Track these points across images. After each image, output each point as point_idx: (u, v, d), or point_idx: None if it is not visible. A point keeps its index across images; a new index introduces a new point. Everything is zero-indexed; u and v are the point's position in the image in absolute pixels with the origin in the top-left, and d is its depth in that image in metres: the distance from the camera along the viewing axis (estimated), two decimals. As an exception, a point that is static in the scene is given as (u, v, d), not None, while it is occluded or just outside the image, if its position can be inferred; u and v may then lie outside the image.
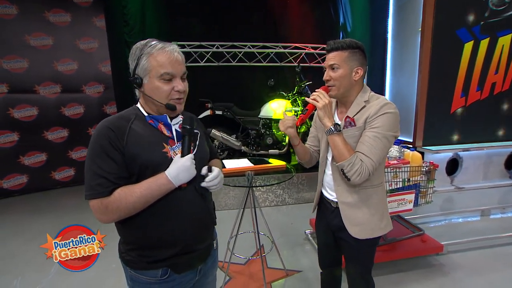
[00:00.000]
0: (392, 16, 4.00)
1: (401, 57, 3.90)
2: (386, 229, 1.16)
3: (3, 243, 2.49)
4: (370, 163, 1.00)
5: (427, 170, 1.93)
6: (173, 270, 0.86)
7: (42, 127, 3.64)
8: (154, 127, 0.85)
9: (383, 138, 1.01)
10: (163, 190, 0.79)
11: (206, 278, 1.00)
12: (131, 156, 0.79)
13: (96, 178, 0.77)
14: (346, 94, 1.10)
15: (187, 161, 0.80)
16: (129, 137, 0.80)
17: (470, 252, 2.21)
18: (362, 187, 1.10)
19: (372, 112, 1.03)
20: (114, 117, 0.85)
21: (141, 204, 0.78)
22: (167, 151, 0.84)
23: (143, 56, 0.82)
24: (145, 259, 0.84)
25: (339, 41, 1.06)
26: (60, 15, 3.60)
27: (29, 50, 3.47)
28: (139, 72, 0.83)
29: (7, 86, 3.41)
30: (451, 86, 3.59)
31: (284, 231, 2.62)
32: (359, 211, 1.11)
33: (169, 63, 0.81)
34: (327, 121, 1.04)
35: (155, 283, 0.86)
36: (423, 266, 2.05)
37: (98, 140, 0.78)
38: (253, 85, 3.82)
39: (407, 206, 1.89)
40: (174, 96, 0.84)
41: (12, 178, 3.55)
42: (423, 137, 3.58)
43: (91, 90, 3.88)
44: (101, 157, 0.77)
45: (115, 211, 0.77)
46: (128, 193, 0.77)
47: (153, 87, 0.82)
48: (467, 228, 2.65)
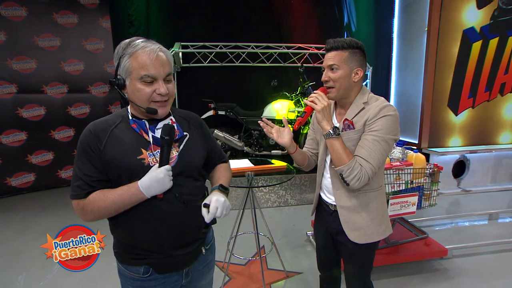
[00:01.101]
0: (397, 16, 3.94)
1: (407, 57, 3.84)
2: (385, 233, 1.13)
3: (10, 240, 2.55)
4: (369, 167, 0.98)
5: (431, 172, 1.89)
6: (154, 270, 0.86)
7: (49, 127, 3.71)
8: (136, 131, 0.83)
9: (383, 142, 0.98)
10: (134, 200, 0.78)
11: (198, 281, 0.98)
12: (108, 160, 0.79)
13: (76, 180, 0.79)
14: (345, 95, 1.07)
15: (160, 173, 0.77)
16: (108, 141, 0.79)
17: (476, 257, 2.16)
18: (361, 191, 1.08)
19: (371, 115, 1.00)
20: (101, 120, 0.84)
21: (114, 209, 0.79)
22: (144, 157, 0.81)
23: (124, 56, 0.79)
24: (128, 255, 0.86)
25: (339, 40, 1.03)
26: (68, 16, 3.67)
27: (38, 51, 3.54)
28: (121, 72, 0.80)
29: (16, 87, 3.49)
30: (459, 87, 3.51)
31: (285, 232, 2.61)
32: (358, 215, 1.09)
33: (151, 64, 0.77)
34: (325, 124, 1.01)
35: (137, 280, 0.86)
36: (426, 270, 2.01)
37: (80, 143, 0.80)
38: (256, 85, 3.82)
39: (410, 209, 1.86)
40: (156, 99, 0.80)
41: (20, 176, 3.63)
42: (429, 138, 3.51)
43: (97, 90, 3.94)
44: (81, 160, 0.79)
45: (89, 213, 0.79)
46: (101, 198, 0.78)
47: (134, 89, 0.79)
48: (474, 232, 2.58)
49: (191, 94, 3.67)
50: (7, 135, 3.49)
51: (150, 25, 3.38)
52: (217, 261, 2.11)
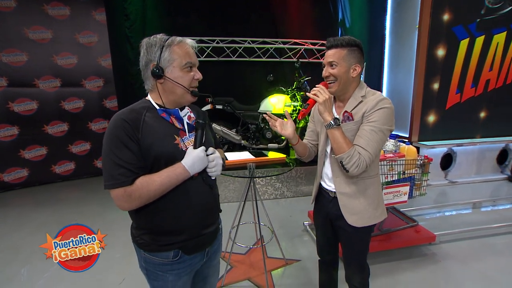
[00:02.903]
0: (390, 13, 4.04)
1: (398, 54, 3.96)
2: (381, 217, 1.23)
3: (8, 234, 2.53)
4: (367, 155, 1.06)
5: (421, 163, 2.01)
6: (184, 252, 0.92)
7: (42, 121, 3.65)
8: (166, 120, 0.89)
9: (380, 132, 1.07)
10: (180, 179, 0.85)
11: (211, 261, 1.05)
12: (146, 147, 0.83)
13: (117, 168, 0.80)
14: (345, 90, 1.15)
15: (201, 152, 0.87)
16: (143, 129, 0.83)
17: (461, 242, 2.32)
18: (359, 178, 1.16)
19: (369, 107, 1.09)
20: (127, 110, 0.87)
21: (161, 191, 0.83)
22: (178, 142, 0.88)
23: (166, 48, 0.86)
24: (157, 243, 0.89)
25: (338, 39, 1.10)
26: (59, 8, 3.58)
27: (28, 44, 3.45)
28: (162, 63, 0.86)
29: (6, 80, 3.40)
30: (447, 83, 3.67)
31: (283, 223, 2.70)
32: (357, 201, 1.17)
33: (192, 54, 0.90)
34: (327, 115, 1.08)
35: (167, 264, 0.91)
36: (416, 255, 2.14)
37: (115, 132, 0.81)
38: (253, 80, 3.86)
39: (402, 198, 1.97)
40: (194, 84, 0.91)
41: (13, 172, 3.57)
42: (419, 132, 3.67)
43: (91, 84, 3.88)
44: (120, 148, 0.80)
45: (137, 198, 0.81)
46: (149, 182, 0.82)
47: (177, 76, 0.87)
48: (459, 220, 2.75)
49: (188, 88, 3.67)
50: None
51: (146, 19, 3.35)
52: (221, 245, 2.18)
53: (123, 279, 1.90)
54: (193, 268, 0.97)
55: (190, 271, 0.96)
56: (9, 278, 1.94)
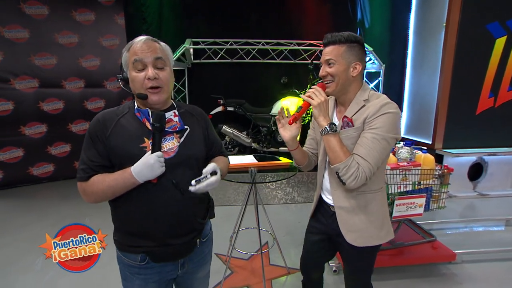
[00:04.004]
0: (414, 11, 3.78)
1: (423, 54, 3.69)
2: (386, 238, 1.09)
3: (31, 225, 2.71)
4: (367, 166, 0.94)
5: (440, 173, 1.83)
6: (151, 258, 0.89)
7: (67, 120, 3.90)
8: (140, 119, 0.87)
9: (383, 140, 0.94)
10: (128, 184, 0.82)
11: (194, 274, 1.00)
12: (112, 148, 0.84)
13: (81, 164, 0.86)
14: (344, 91, 1.04)
15: (151, 159, 0.80)
16: (113, 129, 0.85)
17: (488, 264, 2.08)
18: (360, 192, 1.04)
19: (371, 112, 0.96)
20: (110, 109, 0.90)
21: (110, 192, 0.83)
22: (146, 145, 0.85)
23: (123, 52, 0.87)
24: (125, 242, 0.89)
25: (336, 35, 1.00)
26: (86, 14, 3.81)
27: (58, 48, 3.71)
28: (124, 67, 0.88)
29: (38, 81, 3.68)
30: (478, 85, 3.34)
31: (290, 229, 2.61)
32: (356, 217, 1.05)
33: (139, 50, 0.83)
34: (322, 120, 0.98)
35: (135, 267, 0.89)
36: (433, 274, 1.95)
37: (88, 130, 0.86)
38: (266, 82, 3.81)
39: (417, 211, 1.81)
40: (148, 85, 0.84)
41: (41, 166, 3.85)
42: (444, 139, 3.38)
43: (111, 85, 4.08)
44: (87, 146, 0.85)
45: (90, 194, 0.85)
46: (100, 181, 0.83)
47: (131, 78, 0.85)
48: (488, 238, 2.48)
49: (201, 89, 3.72)
50: (30, 127, 3.70)
51: (162, 22, 3.46)
52: (221, 254, 2.16)
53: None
54: (162, 277, 0.92)
55: (160, 279, 0.92)
56: (25, 267, 2.07)
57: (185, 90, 3.70)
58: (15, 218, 2.87)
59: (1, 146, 3.56)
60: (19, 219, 2.84)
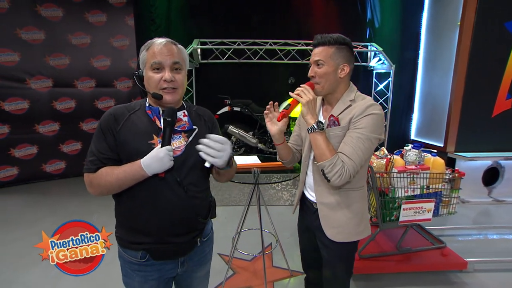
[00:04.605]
0: (427, 9, 3.67)
1: (435, 54, 3.57)
2: (363, 234, 1.12)
3: (42, 220, 2.80)
4: (352, 165, 0.97)
5: (450, 178, 1.75)
6: (151, 255, 0.90)
7: (79, 118, 4.00)
8: (150, 117, 0.90)
9: (367, 140, 0.98)
10: (136, 176, 0.83)
11: (194, 272, 1.01)
12: (121, 142, 0.86)
13: (90, 155, 0.87)
14: (331, 91, 1.07)
15: (161, 152, 0.82)
16: (124, 124, 0.87)
17: (501, 274, 1.98)
18: (342, 189, 1.07)
19: (357, 112, 1.00)
20: (122, 105, 0.92)
21: (118, 185, 0.84)
22: (154, 142, 0.87)
23: (142, 51, 0.90)
24: (127, 239, 0.90)
25: (326, 36, 1.03)
26: (98, 15, 3.90)
27: (71, 48, 3.82)
28: (141, 65, 0.91)
29: (52, 81, 3.80)
30: (495, 86, 3.20)
31: (295, 231, 2.55)
32: (338, 213, 1.09)
33: (159, 53, 0.86)
34: (309, 118, 1.00)
35: (135, 264, 0.90)
36: (442, 283, 1.88)
37: (99, 123, 0.88)
38: (273, 82, 3.79)
39: (425, 216, 1.74)
40: (163, 85, 0.87)
41: (53, 163, 3.97)
42: (456, 142, 3.25)
43: (121, 85, 4.16)
44: (98, 138, 0.87)
45: (96, 186, 0.85)
46: (108, 173, 0.84)
47: (147, 77, 0.89)
48: (503, 247, 2.36)
49: (208, 90, 3.74)
50: (44, 125, 3.82)
51: (171, 23, 3.50)
52: (223, 254, 2.15)
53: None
54: (162, 275, 0.93)
55: (159, 277, 0.93)
56: (34, 261, 2.13)
57: (192, 90, 3.73)
58: (28, 213, 2.97)
59: (17, 143, 3.69)
60: (32, 214, 2.94)
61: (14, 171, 3.73)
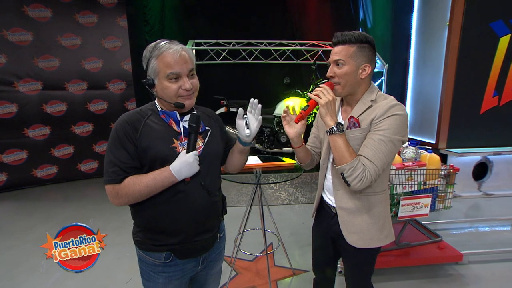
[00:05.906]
0: (417, 10, 3.77)
1: (425, 54, 3.67)
2: (387, 240, 1.08)
3: (36, 227, 2.72)
4: (373, 168, 0.92)
5: (446, 173, 1.81)
6: (176, 255, 0.91)
7: (70, 122, 3.90)
8: (166, 122, 0.90)
9: (389, 142, 0.93)
10: (166, 183, 0.84)
11: (210, 269, 1.03)
12: (143, 149, 0.85)
13: (111, 166, 0.85)
14: (352, 92, 1.02)
15: (190, 157, 0.84)
16: (143, 131, 0.86)
17: (495, 264, 2.06)
18: (363, 194, 1.03)
19: (379, 113, 0.94)
20: (133, 111, 0.91)
21: (147, 192, 0.84)
22: (176, 146, 0.88)
23: (152, 59, 0.86)
24: (151, 242, 0.91)
25: (347, 34, 0.96)
26: (88, 16, 3.81)
27: (61, 50, 3.71)
28: (150, 73, 0.88)
29: (41, 84, 3.69)
30: (482, 84, 3.32)
31: (294, 230, 2.60)
32: (359, 218, 1.04)
33: (175, 63, 0.84)
34: (329, 119, 0.95)
35: (159, 265, 0.91)
36: (439, 275, 1.94)
37: (116, 132, 0.86)
38: (269, 82, 3.81)
39: (423, 211, 1.79)
40: (182, 94, 0.88)
41: (45, 168, 3.85)
42: (447, 138, 3.36)
43: (114, 87, 4.08)
44: (117, 147, 0.85)
45: (124, 196, 0.85)
46: (136, 182, 0.84)
47: (163, 87, 0.87)
48: (494, 238, 2.46)
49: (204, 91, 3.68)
50: (33, 129, 3.71)
51: (164, 23, 3.47)
52: (226, 255, 2.15)
53: (130, 278, 1.94)
54: (185, 274, 0.95)
55: (182, 276, 0.94)
56: (31, 269, 2.07)
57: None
58: (20, 220, 2.88)
59: (5, 149, 3.57)
60: (24, 221, 2.85)
61: (3, 177, 3.60)
